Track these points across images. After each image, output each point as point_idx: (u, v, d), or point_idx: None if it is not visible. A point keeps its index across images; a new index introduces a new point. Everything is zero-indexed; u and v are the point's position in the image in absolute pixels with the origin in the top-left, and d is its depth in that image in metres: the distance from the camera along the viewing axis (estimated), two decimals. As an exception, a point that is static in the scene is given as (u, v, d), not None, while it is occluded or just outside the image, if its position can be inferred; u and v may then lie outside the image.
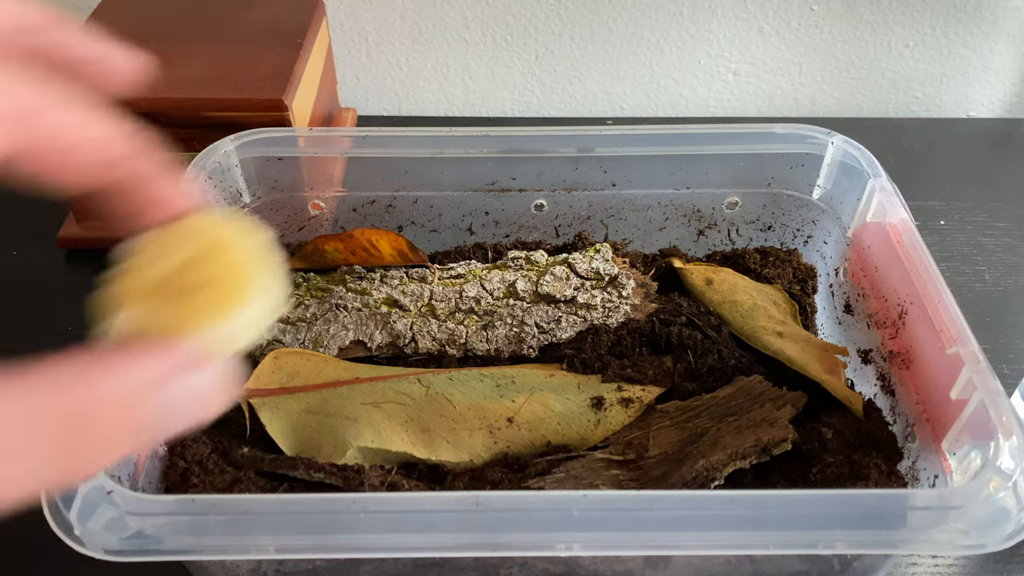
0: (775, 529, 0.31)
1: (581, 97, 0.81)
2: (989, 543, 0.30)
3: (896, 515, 0.32)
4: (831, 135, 0.47)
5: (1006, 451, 0.32)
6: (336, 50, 0.76)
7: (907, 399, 0.39)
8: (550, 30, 0.77)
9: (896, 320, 0.41)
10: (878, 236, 0.44)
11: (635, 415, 0.40)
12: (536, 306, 0.45)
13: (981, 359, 0.35)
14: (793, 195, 0.50)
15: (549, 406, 0.40)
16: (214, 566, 0.37)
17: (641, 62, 0.79)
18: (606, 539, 0.32)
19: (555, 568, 0.37)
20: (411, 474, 0.38)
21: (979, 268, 0.62)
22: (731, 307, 0.45)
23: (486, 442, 0.39)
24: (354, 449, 0.38)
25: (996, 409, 0.33)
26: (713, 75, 0.80)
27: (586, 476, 0.37)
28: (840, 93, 0.81)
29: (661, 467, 0.37)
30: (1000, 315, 0.58)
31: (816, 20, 0.76)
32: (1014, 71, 0.79)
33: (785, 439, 0.36)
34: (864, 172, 0.45)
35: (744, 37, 0.77)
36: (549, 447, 0.39)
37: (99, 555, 0.31)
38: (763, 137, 0.48)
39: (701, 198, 0.50)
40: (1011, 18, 0.75)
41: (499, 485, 0.37)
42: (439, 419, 0.39)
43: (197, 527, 0.31)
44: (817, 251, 0.50)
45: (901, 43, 0.77)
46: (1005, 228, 0.66)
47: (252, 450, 0.38)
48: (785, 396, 0.39)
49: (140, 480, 0.36)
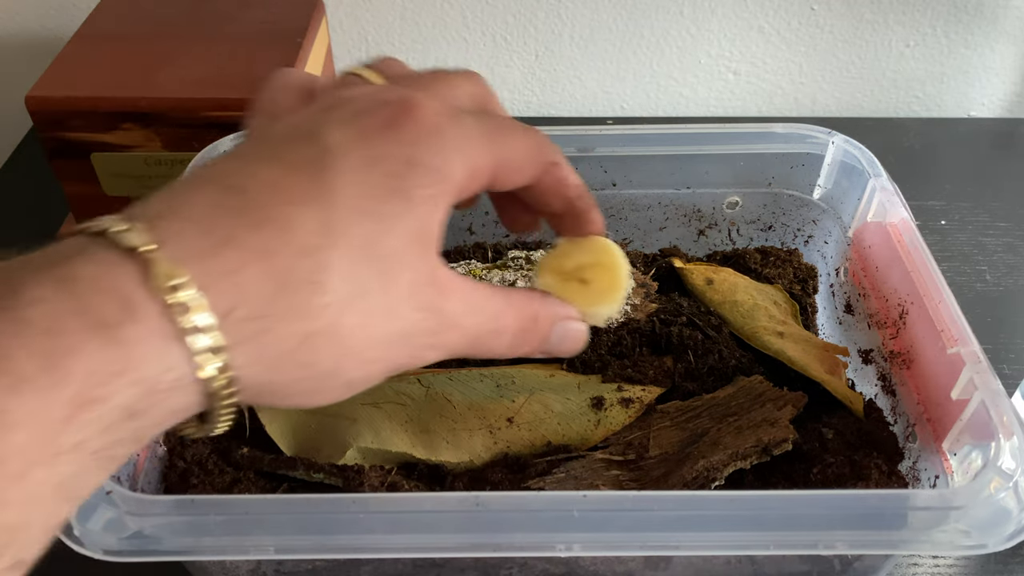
0: (776, 529, 0.31)
1: (581, 97, 0.81)
2: (990, 543, 0.30)
3: (897, 515, 0.32)
4: (832, 135, 0.47)
5: (1007, 451, 0.32)
6: (336, 50, 0.76)
7: (908, 399, 0.39)
8: (550, 29, 0.77)
9: (897, 320, 0.41)
10: (879, 236, 0.44)
11: (635, 415, 0.40)
12: (536, 306, 0.45)
13: (982, 359, 0.35)
14: (794, 195, 0.49)
15: (549, 406, 0.40)
16: (214, 567, 0.37)
17: (641, 61, 0.79)
18: (606, 539, 0.31)
19: (555, 568, 0.37)
20: (411, 474, 0.38)
21: (980, 268, 0.62)
22: (732, 307, 0.45)
23: (486, 442, 0.39)
24: (354, 449, 0.38)
25: (997, 409, 0.33)
26: (713, 75, 0.79)
27: (586, 476, 0.36)
28: (841, 93, 0.80)
29: (661, 467, 0.37)
30: (1001, 315, 0.58)
31: (816, 19, 0.76)
32: (1015, 71, 0.79)
33: (786, 439, 0.36)
34: (865, 172, 0.45)
35: (744, 36, 0.77)
36: (549, 447, 0.39)
37: (98, 555, 0.31)
38: (763, 137, 0.48)
39: (701, 198, 0.50)
40: (1012, 17, 0.75)
41: (499, 485, 0.37)
42: (439, 419, 0.39)
43: (196, 527, 0.31)
44: (818, 251, 0.50)
45: (902, 42, 0.77)
46: (1006, 228, 0.66)
47: (252, 450, 0.38)
48: (786, 396, 0.39)
49: (140, 480, 0.36)
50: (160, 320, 0.21)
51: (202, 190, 0.24)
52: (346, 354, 0.24)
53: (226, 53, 0.60)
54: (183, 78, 0.57)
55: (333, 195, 0.24)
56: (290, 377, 0.24)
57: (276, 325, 0.23)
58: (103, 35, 0.62)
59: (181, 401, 0.22)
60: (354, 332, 0.24)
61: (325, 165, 0.24)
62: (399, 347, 0.26)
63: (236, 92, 0.56)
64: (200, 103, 0.55)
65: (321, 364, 0.24)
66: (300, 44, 0.61)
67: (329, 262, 0.24)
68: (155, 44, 0.60)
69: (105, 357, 0.20)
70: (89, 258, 0.22)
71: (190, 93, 0.56)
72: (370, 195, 0.25)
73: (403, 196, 0.25)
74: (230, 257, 0.22)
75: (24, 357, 0.19)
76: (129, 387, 0.21)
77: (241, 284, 0.22)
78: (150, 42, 0.61)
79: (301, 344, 0.23)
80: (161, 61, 0.58)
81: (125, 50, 0.60)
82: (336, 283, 0.24)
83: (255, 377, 0.23)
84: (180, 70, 0.58)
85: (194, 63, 0.58)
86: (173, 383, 0.22)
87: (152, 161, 0.58)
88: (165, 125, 0.56)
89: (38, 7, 0.77)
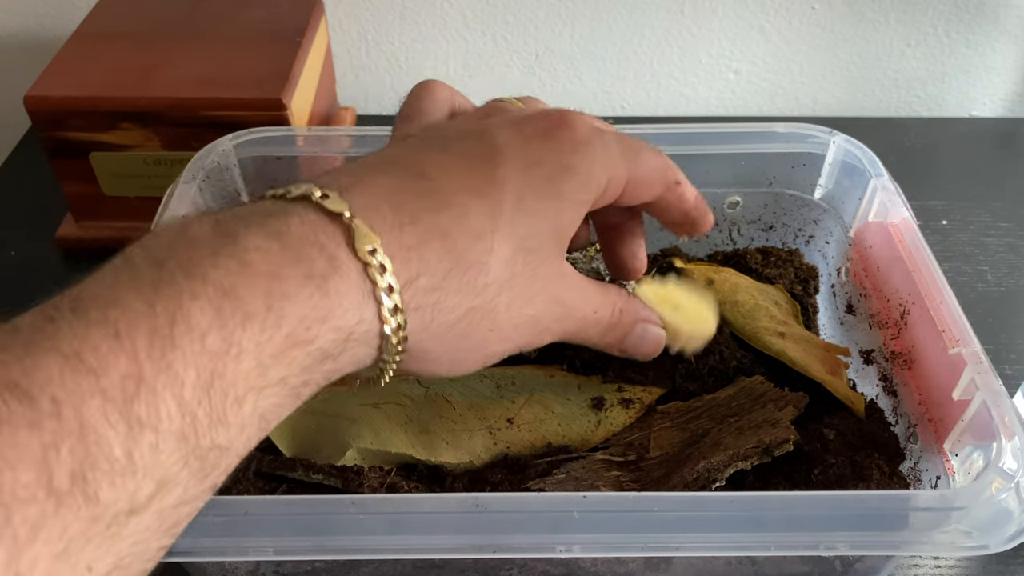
0: (776, 530, 0.31)
1: (581, 96, 0.81)
2: (991, 544, 0.30)
3: (898, 516, 0.31)
4: (833, 134, 0.47)
5: (1008, 452, 0.31)
6: (335, 49, 0.76)
7: (909, 400, 0.39)
8: (550, 29, 0.77)
9: (898, 320, 0.41)
10: (880, 236, 0.43)
11: (636, 416, 0.39)
12: (536, 306, 0.44)
13: (983, 359, 0.34)
14: (795, 195, 0.49)
15: (549, 407, 0.40)
16: (212, 568, 0.37)
17: (642, 61, 0.78)
18: (606, 540, 0.31)
19: (555, 570, 0.37)
20: (410, 475, 0.38)
21: (981, 268, 0.62)
22: (732, 307, 0.45)
23: (486, 443, 0.38)
24: (353, 450, 0.38)
25: (998, 410, 0.33)
26: (714, 74, 0.79)
27: (586, 477, 0.36)
28: (842, 92, 0.80)
29: (662, 468, 0.37)
30: (1002, 315, 0.58)
31: (817, 19, 0.76)
32: (1016, 70, 0.79)
33: (787, 440, 0.36)
34: (866, 171, 0.45)
35: (745, 36, 0.77)
36: (549, 448, 0.39)
37: (96, 557, 0.31)
38: (764, 136, 0.48)
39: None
40: (1013, 17, 0.75)
41: (499, 486, 0.36)
42: (439, 420, 0.39)
43: (195, 528, 0.31)
44: (819, 251, 0.50)
45: (903, 42, 0.77)
46: (1007, 228, 0.66)
47: (251, 451, 0.38)
48: (787, 397, 0.39)
49: (138, 481, 0.36)
50: (360, 278, 0.25)
51: (387, 172, 0.27)
52: (493, 329, 0.28)
53: (225, 53, 0.60)
54: (182, 78, 0.57)
55: (501, 189, 0.28)
56: (446, 347, 0.28)
57: (448, 297, 0.27)
58: (102, 35, 0.62)
59: (362, 352, 0.26)
60: (503, 311, 0.28)
61: (495, 162, 0.28)
62: (528, 328, 0.30)
63: (235, 92, 0.56)
64: (199, 103, 0.55)
65: (473, 336, 0.28)
66: (300, 44, 0.61)
67: (494, 247, 0.27)
68: (154, 44, 0.60)
69: (315, 304, 0.23)
70: (295, 217, 0.25)
71: (189, 93, 0.56)
72: (530, 193, 0.28)
73: (556, 197, 0.29)
74: (416, 233, 0.26)
75: (249, 296, 0.22)
76: (330, 332, 0.24)
77: (424, 258, 0.26)
78: (149, 42, 0.61)
79: (462, 317, 0.27)
80: (160, 61, 0.58)
81: (124, 50, 0.60)
82: (497, 267, 0.27)
83: (419, 343, 0.27)
84: (179, 70, 0.58)
85: (193, 63, 0.58)
86: (363, 335, 0.25)
87: (151, 161, 0.58)
88: (164, 125, 0.56)
89: (37, 6, 0.77)
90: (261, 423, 0.24)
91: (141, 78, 0.57)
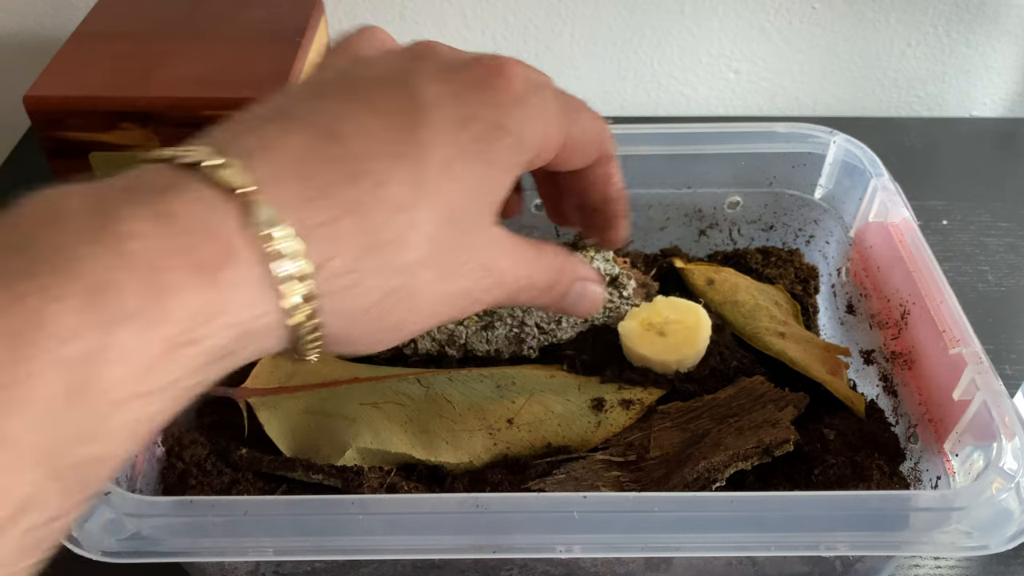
0: (777, 531, 0.31)
1: (581, 96, 0.81)
2: (992, 544, 0.30)
3: (898, 516, 0.31)
4: (833, 134, 0.47)
5: (1008, 452, 0.31)
6: (336, 49, 0.76)
7: (909, 400, 0.39)
8: (550, 29, 0.76)
9: (898, 320, 0.41)
10: (880, 236, 0.43)
11: (636, 416, 0.39)
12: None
13: (983, 360, 0.34)
14: (795, 194, 0.49)
15: (549, 407, 0.40)
16: (212, 568, 0.37)
17: (642, 61, 0.78)
18: (607, 541, 0.31)
19: (556, 570, 0.37)
20: (410, 475, 0.38)
21: (982, 268, 0.62)
22: (733, 307, 0.45)
23: (486, 443, 0.38)
24: (353, 450, 0.38)
25: (999, 410, 0.33)
26: (714, 74, 0.79)
27: (587, 478, 0.36)
28: (842, 92, 0.80)
29: (662, 468, 0.37)
30: (1003, 315, 0.58)
31: (818, 19, 0.75)
32: (1016, 70, 0.78)
33: (787, 440, 0.36)
34: (866, 171, 0.45)
35: (745, 36, 0.77)
36: (549, 448, 0.38)
37: (96, 556, 0.31)
38: (765, 136, 0.48)
39: (702, 198, 0.50)
40: (1013, 16, 0.75)
41: (499, 487, 0.36)
42: (438, 420, 0.39)
43: (195, 529, 0.31)
44: (819, 251, 0.50)
45: (903, 42, 0.77)
46: (1008, 228, 0.65)
47: (250, 451, 0.38)
48: (787, 397, 0.39)
49: (138, 482, 0.36)
50: (258, 266, 0.22)
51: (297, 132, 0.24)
52: (413, 310, 0.26)
53: (225, 53, 0.60)
54: (182, 77, 0.57)
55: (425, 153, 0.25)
56: (363, 329, 0.25)
57: (364, 280, 0.24)
58: (101, 34, 0.62)
59: (268, 343, 0.23)
60: (425, 289, 0.26)
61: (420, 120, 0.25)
62: (456, 302, 0.27)
63: (235, 92, 0.56)
64: (199, 102, 0.55)
65: (391, 318, 0.25)
66: (299, 43, 0.61)
67: (416, 221, 0.24)
68: (153, 43, 0.60)
69: (205, 299, 0.21)
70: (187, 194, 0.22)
71: (189, 92, 0.56)
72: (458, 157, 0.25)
73: (487, 161, 0.26)
74: (326, 208, 0.23)
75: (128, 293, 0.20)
76: (224, 329, 0.21)
77: (336, 237, 0.23)
78: (149, 41, 0.61)
79: (380, 300, 0.25)
80: (160, 60, 0.58)
81: (123, 49, 0.60)
82: (419, 241, 0.25)
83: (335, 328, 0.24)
84: (179, 69, 0.57)
85: (193, 62, 0.58)
86: (264, 328, 0.22)
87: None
88: (164, 125, 0.56)
89: (36, 6, 0.77)
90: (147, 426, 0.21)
91: (141, 78, 0.57)
